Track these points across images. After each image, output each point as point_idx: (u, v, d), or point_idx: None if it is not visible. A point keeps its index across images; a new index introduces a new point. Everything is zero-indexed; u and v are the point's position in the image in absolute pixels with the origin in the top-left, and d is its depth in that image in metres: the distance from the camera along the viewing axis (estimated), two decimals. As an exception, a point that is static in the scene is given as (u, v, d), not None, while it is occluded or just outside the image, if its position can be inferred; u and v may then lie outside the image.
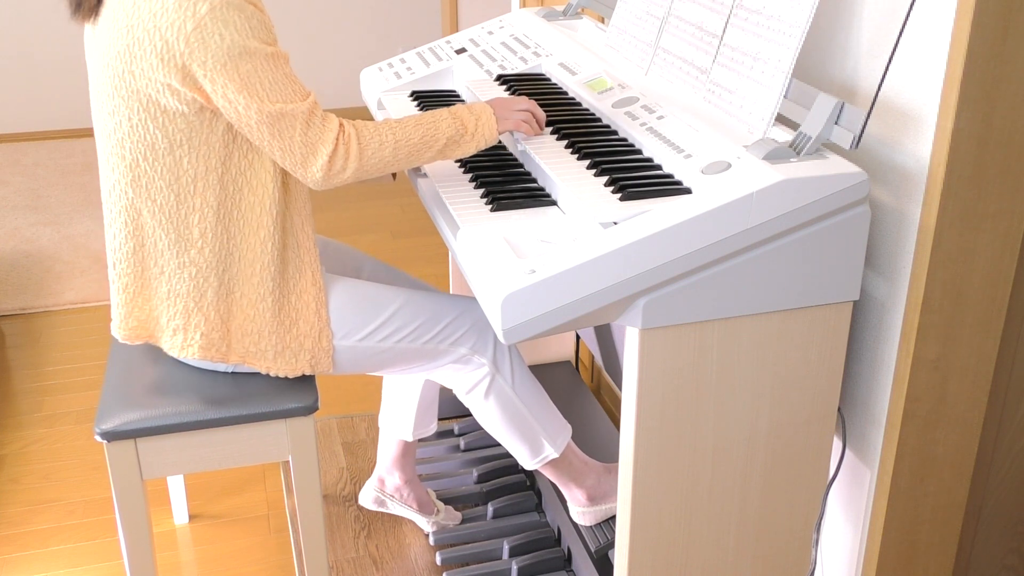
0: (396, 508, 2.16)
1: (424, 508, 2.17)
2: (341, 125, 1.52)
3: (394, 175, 1.83)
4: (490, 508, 2.19)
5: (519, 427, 1.82)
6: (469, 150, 1.62)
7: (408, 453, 2.13)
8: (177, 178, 1.54)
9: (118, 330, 1.67)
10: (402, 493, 2.15)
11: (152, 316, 1.66)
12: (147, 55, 1.45)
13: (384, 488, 2.15)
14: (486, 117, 1.61)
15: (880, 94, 1.46)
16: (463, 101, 2.01)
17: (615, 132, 1.67)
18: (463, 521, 2.20)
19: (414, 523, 2.23)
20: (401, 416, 2.07)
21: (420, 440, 2.42)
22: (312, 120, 1.49)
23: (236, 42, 1.43)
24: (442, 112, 1.60)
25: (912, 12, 1.36)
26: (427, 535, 2.18)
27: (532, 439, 1.83)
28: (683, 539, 1.51)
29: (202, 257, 1.58)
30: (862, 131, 1.34)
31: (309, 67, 4.97)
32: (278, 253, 1.61)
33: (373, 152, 1.53)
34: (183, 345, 1.64)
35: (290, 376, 1.68)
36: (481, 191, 1.61)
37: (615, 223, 1.35)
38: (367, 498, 2.17)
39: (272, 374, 1.67)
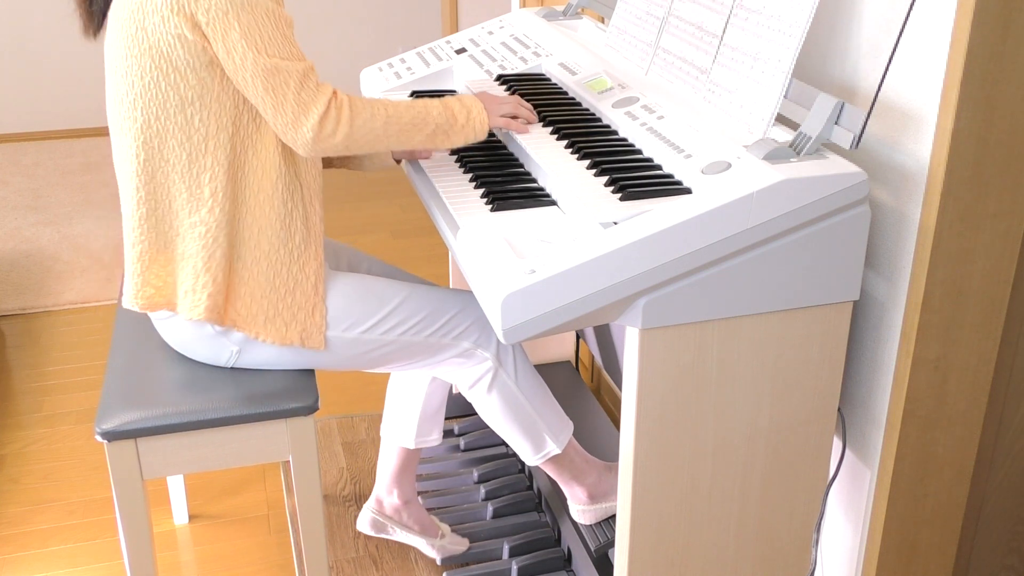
0: (398, 534, 2.05)
1: (427, 530, 2.06)
2: (335, 91, 1.54)
3: (398, 160, 1.84)
4: (490, 508, 2.19)
5: (522, 422, 1.82)
6: (458, 141, 1.64)
7: (408, 467, 2.03)
8: (189, 136, 1.55)
9: (133, 300, 1.65)
10: (401, 515, 2.04)
11: (168, 282, 1.64)
12: (158, 8, 1.48)
13: (382, 510, 2.04)
14: (477, 111, 1.64)
15: (880, 94, 1.46)
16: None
17: (615, 132, 1.67)
18: (464, 521, 2.20)
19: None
20: (403, 419, 1.98)
21: (423, 458, 2.36)
22: (307, 82, 1.51)
23: None
24: (434, 101, 1.63)
25: (912, 12, 1.36)
26: (437, 562, 2.08)
27: (535, 434, 1.84)
28: (683, 539, 1.51)
29: (212, 217, 1.58)
30: (862, 131, 1.34)
31: (309, 67, 4.97)
32: (280, 219, 1.61)
33: (364, 122, 1.55)
34: (191, 306, 1.62)
35: (278, 344, 1.65)
36: (481, 191, 1.61)
37: (615, 223, 1.35)
38: (364, 523, 2.05)
39: (260, 340, 1.65)
